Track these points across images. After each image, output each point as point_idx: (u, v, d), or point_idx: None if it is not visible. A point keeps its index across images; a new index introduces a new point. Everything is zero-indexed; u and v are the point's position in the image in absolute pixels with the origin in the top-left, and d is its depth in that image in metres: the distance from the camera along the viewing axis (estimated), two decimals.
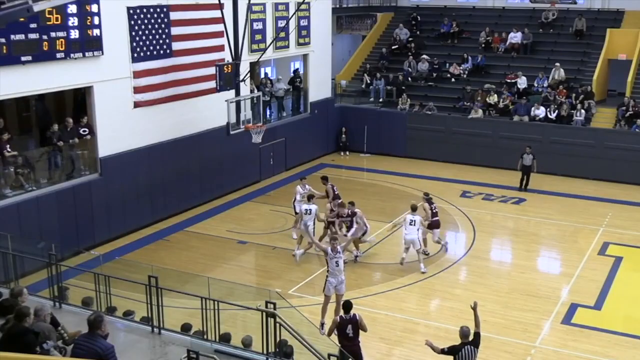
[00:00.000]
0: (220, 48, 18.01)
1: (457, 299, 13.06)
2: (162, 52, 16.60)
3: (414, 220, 14.01)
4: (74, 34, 14.20)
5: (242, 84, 17.31)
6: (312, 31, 22.76)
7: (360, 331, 9.59)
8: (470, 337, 9.12)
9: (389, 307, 12.76)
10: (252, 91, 19.28)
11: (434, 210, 14.75)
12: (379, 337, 11.78)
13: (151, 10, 16.20)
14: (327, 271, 11.50)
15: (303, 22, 22.25)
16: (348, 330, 9.43)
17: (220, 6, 16.64)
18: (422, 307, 12.80)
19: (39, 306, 7.23)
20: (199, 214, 17.90)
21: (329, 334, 9.67)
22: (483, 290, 13.46)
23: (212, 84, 17.05)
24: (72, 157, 15.27)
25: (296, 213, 15.86)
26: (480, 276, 14.27)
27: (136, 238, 16.11)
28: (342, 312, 9.59)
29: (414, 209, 14.16)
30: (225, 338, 8.77)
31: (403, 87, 24.89)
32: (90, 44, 14.59)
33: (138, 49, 15.96)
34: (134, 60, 15.92)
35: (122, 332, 8.76)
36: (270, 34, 20.40)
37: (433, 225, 14.64)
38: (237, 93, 16.99)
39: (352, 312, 9.49)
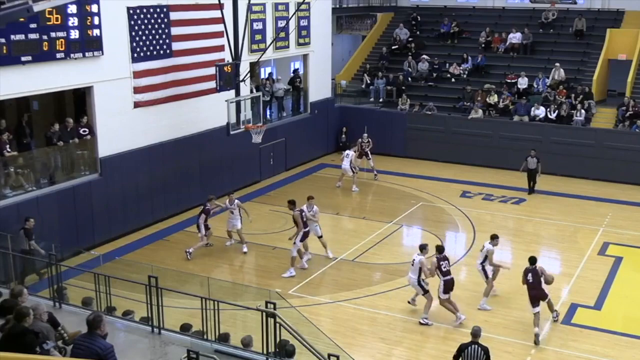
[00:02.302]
0: (220, 48, 18.01)
1: (457, 299, 12.97)
2: (162, 52, 16.59)
3: (348, 154, 19.90)
4: (74, 34, 14.20)
5: (242, 84, 17.30)
6: (312, 31, 22.76)
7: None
8: (480, 339, 9.13)
9: (389, 307, 12.75)
10: (252, 91, 19.27)
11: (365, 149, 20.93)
12: (379, 337, 11.78)
13: (151, 10, 16.20)
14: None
15: (303, 22, 22.25)
16: (529, 277, 11.78)
17: (220, 6, 16.64)
18: (422, 307, 12.76)
19: (34, 305, 7.21)
20: (199, 213, 17.88)
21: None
22: (483, 291, 13.44)
23: (212, 84, 17.05)
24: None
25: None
26: (480, 276, 14.23)
27: (136, 238, 16.10)
28: (528, 264, 11.95)
29: (349, 147, 20.71)
30: (224, 338, 8.77)
31: (403, 87, 24.89)
32: (90, 44, 14.58)
33: (138, 49, 15.96)
34: (134, 60, 15.92)
35: (122, 332, 8.76)
36: (270, 34, 20.40)
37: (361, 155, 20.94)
38: (237, 93, 16.99)
39: (535, 265, 11.90)
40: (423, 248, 12.49)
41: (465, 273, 14.65)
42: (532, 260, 12.02)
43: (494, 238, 13.09)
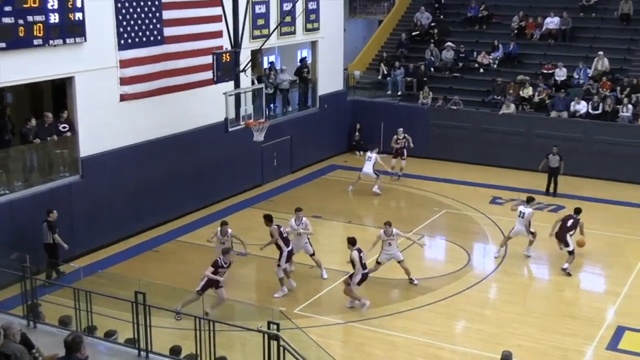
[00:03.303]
0: (217, 34, 18.02)
1: (487, 321, 12.96)
2: (152, 38, 16.61)
3: (371, 157, 19.96)
4: (54, 18, 14.22)
5: (242, 74, 17.31)
6: (322, 15, 22.75)
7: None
8: None
9: (408, 329, 12.67)
10: (253, 83, 19.24)
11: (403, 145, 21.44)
12: None
13: None
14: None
15: (311, 5, 22.24)
16: (569, 223, 15.08)
17: None
18: (446, 330, 12.71)
19: (6, 324, 7.18)
20: (193, 221, 17.87)
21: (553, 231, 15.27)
22: (516, 311, 13.35)
23: (208, 75, 17.03)
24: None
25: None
26: (513, 294, 14.15)
27: (122, 248, 16.10)
28: (572, 213, 15.28)
29: (372, 149, 20.42)
30: None
31: (425, 79, 24.81)
32: (71, 30, 14.60)
33: (125, 35, 15.98)
34: (121, 47, 15.94)
35: (105, 355, 8.74)
36: (274, 19, 20.39)
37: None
38: (237, 85, 16.99)
39: (577, 216, 15.17)
40: (389, 223, 14.19)
41: (495, 291, 14.55)
42: (579, 211, 15.27)
43: (530, 201, 15.84)
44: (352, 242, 13.35)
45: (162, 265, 15.36)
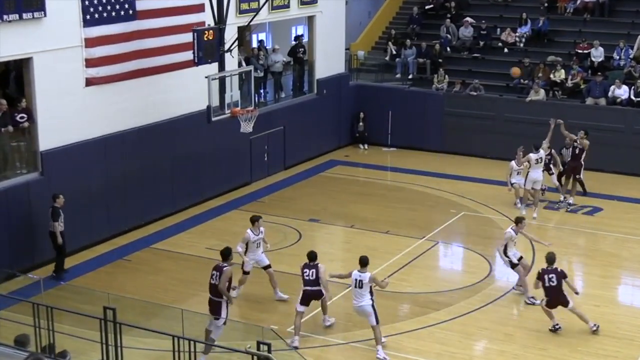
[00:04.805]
0: (199, 8, 18.07)
1: (511, 341, 13.03)
2: (122, 13, 16.65)
3: (512, 166, 19.22)
4: None
5: (227, 55, 17.37)
6: None
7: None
8: None
9: (420, 350, 12.75)
10: (240, 64, 19.29)
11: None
12: None
13: None
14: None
15: None
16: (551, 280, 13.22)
17: None
18: (463, 351, 12.78)
19: None
20: (171, 225, 17.93)
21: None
22: (545, 329, 13.42)
23: (188, 56, 17.09)
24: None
25: (245, 272, 14.22)
26: (541, 310, 14.19)
27: (88, 257, 16.15)
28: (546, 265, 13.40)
29: (537, 147, 19.07)
30: None
31: (440, 60, 24.89)
32: (29, 3, 14.63)
33: (91, 10, 16.02)
34: (86, 24, 15.98)
35: None
36: None
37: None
38: (222, 67, 17.05)
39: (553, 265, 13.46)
40: (521, 219, 14.50)
41: (521, 306, 14.62)
42: (550, 258, 13.48)
43: (538, 147, 17.92)
44: (310, 257, 12.95)
45: (135, 277, 15.40)
